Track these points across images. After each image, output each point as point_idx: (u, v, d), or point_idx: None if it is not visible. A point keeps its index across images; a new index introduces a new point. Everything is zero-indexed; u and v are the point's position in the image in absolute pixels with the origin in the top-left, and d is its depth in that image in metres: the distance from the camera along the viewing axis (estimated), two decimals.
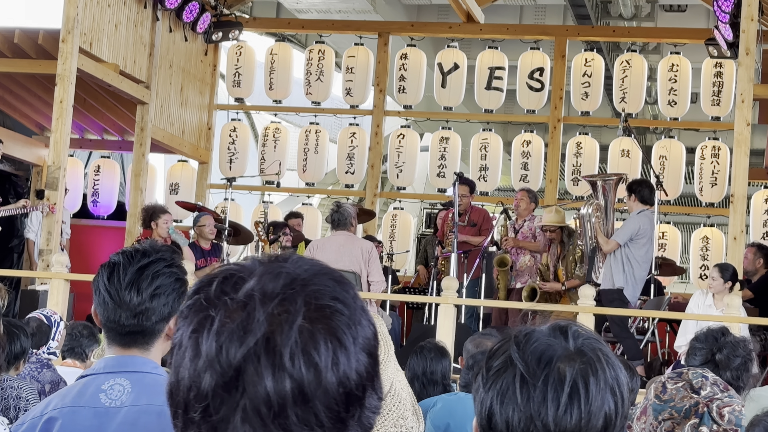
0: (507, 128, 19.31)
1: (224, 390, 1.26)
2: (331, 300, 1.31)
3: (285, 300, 1.28)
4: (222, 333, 1.27)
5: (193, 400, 1.29)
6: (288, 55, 16.25)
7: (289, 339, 1.25)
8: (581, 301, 9.26)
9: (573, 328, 1.67)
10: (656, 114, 21.10)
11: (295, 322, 1.27)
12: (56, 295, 9.62)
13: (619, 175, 11.71)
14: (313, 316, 1.28)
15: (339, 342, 1.28)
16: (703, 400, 2.27)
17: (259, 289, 1.29)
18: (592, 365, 1.61)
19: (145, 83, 13.48)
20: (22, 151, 14.68)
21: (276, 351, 1.25)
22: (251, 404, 1.25)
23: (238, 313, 1.28)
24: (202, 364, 1.27)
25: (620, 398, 1.62)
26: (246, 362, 1.25)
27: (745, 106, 10.79)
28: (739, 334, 7.30)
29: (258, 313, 1.27)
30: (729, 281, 10.08)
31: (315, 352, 1.26)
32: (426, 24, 17.14)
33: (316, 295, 1.30)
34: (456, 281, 9.77)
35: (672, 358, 11.48)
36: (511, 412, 1.60)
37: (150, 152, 13.87)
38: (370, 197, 15.54)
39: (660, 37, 16.51)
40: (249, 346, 1.25)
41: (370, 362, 1.33)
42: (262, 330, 1.26)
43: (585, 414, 1.58)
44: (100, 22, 12.26)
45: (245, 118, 17.64)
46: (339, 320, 1.30)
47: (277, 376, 1.25)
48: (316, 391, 1.26)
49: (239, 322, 1.27)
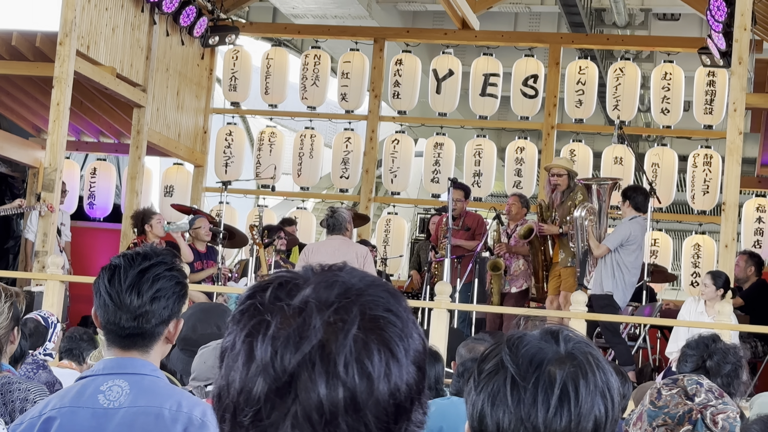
0: (501, 134, 19.35)
1: (277, 395, 1.26)
2: (384, 311, 1.31)
3: (340, 308, 1.29)
4: (278, 338, 1.27)
5: (244, 404, 1.28)
6: (284, 59, 16.26)
7: (344, 347, 1.26)
8: (573, 307, 9.27)
9: (564, 332, 1.68)
10: (649, 122, 21.16)
11: (350, 330, 1.27)
12: (51, 296, 9.62)
13: (615, 179, 11.74)
14: (368, 326, 1.29)
15: (391, 353, 1.29)
16: (697, 406, 2.29)
17: (315, 297, 1.30)
18: (583, 369, 1.62)
19: (141, 86, 13.49)
20: (19, 153, 14.67)
21: (330, 358, 1.25)
22: (303, 411, 1.25)
23: (294, 319, 1.28)
24: (256, 369, 1.27)
25: (610, 402, 1.63)
26: (300, 368, 1.25)
27: (737, 115, 10.81)
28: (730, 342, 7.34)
29: (314, 320, 1.27)
30: (721, 288, 10.10)
31: (368, 361, 1.27)
32: (421, 30, 17.16)
33: (371, 305, 1.31)
34: (449, 286, 9.78)
35: (663, 364, 11.50)
36: (501, 414, 1.61)
37: (146, 155, 13.87)
38: (364, 202, 15.55)
39: (653, 45, 16.55)
40: (304, 353, 1.26)
41: (420, 375, 1.33)
42: (318, 337, 1.26)
43: (575, 417, 1.59)
44: (98, 25, 12.27)
45: (241, 122, 17.65)
46: (392, 331, 1.30)
47: (331, 384, 1.25)
48: (367, 400, 1.26)
49: (295, 328, 1.27)
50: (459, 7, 14.52)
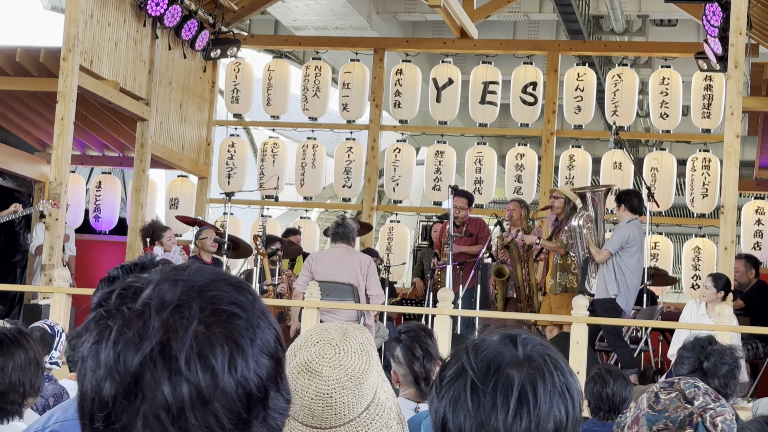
0: (501, 142, 19.37)
1: (124, 397, 1.26)
2: (228, 304, 1.31)
3: (180, 306, 1.29)
4: (119, 342, 1.27)
5: (97, 409, 1.29)
6: (285, 71, 16.26)
7: (185, 344, 1.26)
8: (575, 311, 9.25)
9: (522, 336, 1.68)
10: (648, 127, 21.15)
11: (190, 327, 1.27)
12: (58, 309, 9.62)
13: (608, 186, 11.73)
14: (210, 321, 1.29)
15: (236, 345, 1.29)
16: (697, 410, 2.28)
17: (156, 298, 1.30)
18: (540, 370, 1.62)
19: (144, 100, 13.50)
20: (25, 168, 14.69)
21: (172, 356, 1.26)
22: (151, 410, 1.25)
23: (134, 322, 1.28)
24: (102, 373, 1.28)
25: (570, 402, 1.63)
26: (143, 369, 1.26)
27: (734, 119, 10.80)
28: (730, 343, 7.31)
29: (153, 320, 1.27)
30: (722, 291, 10.09)
31: (211, 355, 1.27)
32: (421, 40, 17.17)
33: (213, 300, 1.31)
34: (451, 292, 9.77)
35: (665, 366, 11.48)
36: (463, 419, 1.61)
37: (150, 168, 13.87)
38: (367, 210, 15.55)
39: (651, 51, 16.55)
40: (145, 353, 1.26)
41: (272, 364, 1.33)
42: (157, 337, 1.26)
43: (534, 418, 1.59)
44: (101, 40, 12.28)
45: (244, 134, 17.67)
46: (236, 324, 1.30)
47: (174, 381, 1.25)
48: (214, 393, 1.26)
49: (135, 330, 1.27)
50: (458, 17, 14.52)
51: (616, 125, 13.24)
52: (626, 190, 11.73)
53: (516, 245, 11.92)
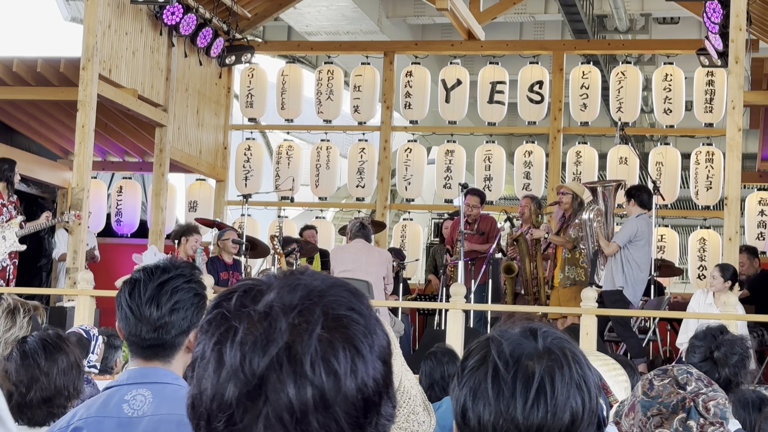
0: (509, 140, 19.36)
1: (248, 399, 1.26)
2: (347, 310, 1.31)
3: (304, 310, 1.28)
4: (246, 343, 1.27)
5: (217, 410, 1.28)
6: (298, 75, 16.29)
7: (310, 347, 1.26)
8: (584, 303, 9.25)
9: (542, 329, 1.69)
10: (653, 122, 21.11)
11: (314, 331, 1.27)
12: (83, 311, 9.66)
13: (618, 181, 11.73)
14: (331, 326, 1.28)
15: (356, 350, 1.29)
16: (689, 395, 2.29)
17: (279, 301, 1.29)
18: (559, 363, 1.64)
19: (162, 106, 13.53)
20: (48, 175, 14.75)
21: (297, 359, 1.25)
22: (274, 412, 1.25)
23: (260, 324, 1.28)
24: (226, 374, 1.27)
25: (587, 394, 1.64)
26: (269, 371, 1.25)
27: (736, 113, 10.78)
28: (738, 332, 7.31)
29: (280, 322, 1.27)
30: (729, 281, 10.08)
31: (334, 359, 1.26)
32: (429, 42, 17.19)
33: (333, 305, 1.30)
34: (464, 287, 9.78)
35: (673, 355, 11.48)
36: (482, 407, 1.63)
37: (169, 172, 13.91)
38: (380, 209, 15.56)
39: (654, 48, 16.52)
40: (272, 355, 1.25)
41: (386, 370, 1.33)
42: (284, 339, 1.26)
43: (551, 409, 1.60)
44: (119, 49, 12.32)
45: (259, 137, 17.68)
46: (356, 329, 1.30)
47: (299, 384, 1.25)
48: (336, 397, 1.26)
49: (262, 332, 1.27)
50: (465, 19, 14.52)
51: (621, 121, 13.26)
52: (636, 185, 11.73)
53: (525, 240, 11.92)
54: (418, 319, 13.76)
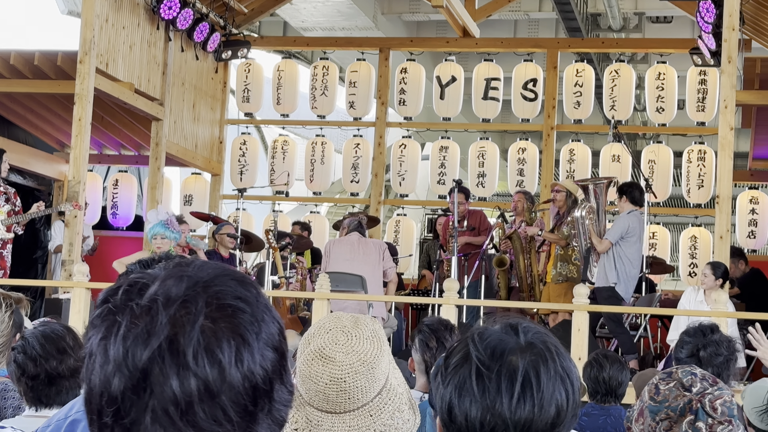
0: (503, 137, 19.36)
1: (133, 392, 1.25)
2: (233, 299, 1.30)
3: (187, 302, 1.27)
4: (128, 337, 1.26)
5: (105, 405, 1.27)
6: (294, 71, 16.27)
7: (192, 339, 1.25)
8: (576, 300, 9.26)
9: (523, 324, 1.69)
10: (645, 120, 21.14)
11: (196, 322, 1.26)
12: (78, 303, 9.65)
13: (609, 178, 11.74)
14: (216, 316, 1.27)
15: (242, 339, 1.28)
16: (696, 396, 2.30)
17: (163, 293, 1.28)
18: (542, 356, 1.64)
19: (159, 100, 13.51)
20: (44, 167, 14.72)
21: (180, 351, 1.25)
22: (159, 404, 1.24)
23: (142, 318, 1.27)
24: (111, 369, 1.26)
25: (570, 386, 1.64)
26: (151, 364, 1.25)
27: (728, 112, 10.80)
28: (728, 330, 7.31)
29: (161, 315, 1.26)
30: (720, 278, 10.09)
31: (218, 349, 1.26)
32: (425, 39, 17.17)
33: (218, 295, 1.29)
34: (457, 283, 9.79)
35: (664, 351, 11.49)
36: (468, 404, 1.62)
37: (165, 166, 13.89)
38: (374, 205, 15.56)
39: (647, 47, 16.52)
40: (153, 348, 1.25)
41: (276, 357, 1.32)
42: (165, 332, 1.25)
43: (537, 402, 1.60)
44: (116, 43, 12.29)
45: (255, 132, 17.66)
46: (241, 318, 1.29)
47: (182, 375, 1.24)
48: (221, 387, 1.25)
49: (143, 326, 1.26)
50: (460, 16, 14.51)
51: (614, 119, 13.25)
52: (628, 182, 11.74)
53: (519, 236, 11.92)
54: (411, 314, 13.76)
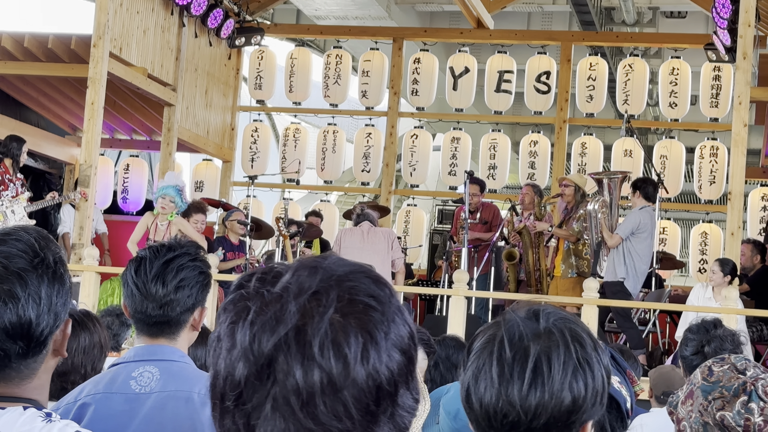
0: (515, 129, 19.30)
1: (256, 379, 1.25)
2: (365, 296, 1.29)
3: (318, 293, 1.27)
4: (255, 323, 1.26)
5: (228, 389, 1.27)
6: (307, 59, 16.25)
7: (320, 330, 1.24)
8: (586, 294, 9.23)
9: (546, 310, 1.67)
10: (657, 115, 21.05)
11: (326, 314, 1.25)
12: (88, 286, 9.65)
13: (624, 173, 11.69)
14: (346, 310, 1.26)
15: (370, 336, 1.26)
16: (750, 379, 2.33)
17: (295, 283, 1.28)
18: (556, 343, 1.61)
19: (171, 86, 13.49)
20: (56, 151, 14.72)
21: (306, 342, 1.23)
22: (281, 393, 1.24)
23: (272, 305, 1.26)
24: (237, 354, 1.26)
25: (590, 375, 1.61)
26: (277, 351, 1.24)
27: (742, 108, 10.74)
28: (735, 327, 7.29)
29: (291, 304, 1.26)
30: (728, 275, 10.06)
31: (345, 344, 1.24)
32: (438, 30, 17.12)
33: (351, 290, 1.28)
34: (466, 274, 9.77)
35: (672, 347, 11.45)
36: (483, 389, 1.61)
37: (176, 151, 13.88)
38: (385, 194, 15.55)
39: (661, 42, 16.46)
40: (280, 336, 1.24)
41: (404, 360, 1.30)
42: (293, 321, 1.24)
43: (549, 389, 1.58)
44: (130, 28, 12.28)
45: (266, 119, 17.65)
46: (372, 315, 1.27)
47: (307, 366, 1.23)
48: (344, 382, 1.24)
49: (272, 313, 1.26)
50: (474, 8, 14.47)
51: (627, 114, 13.20)
52: (642, 177, 11.70)
53: (528, 231, 11.89)
54: (420, 304, 13.75)
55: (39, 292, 1.93)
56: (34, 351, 1.95)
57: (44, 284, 1.94)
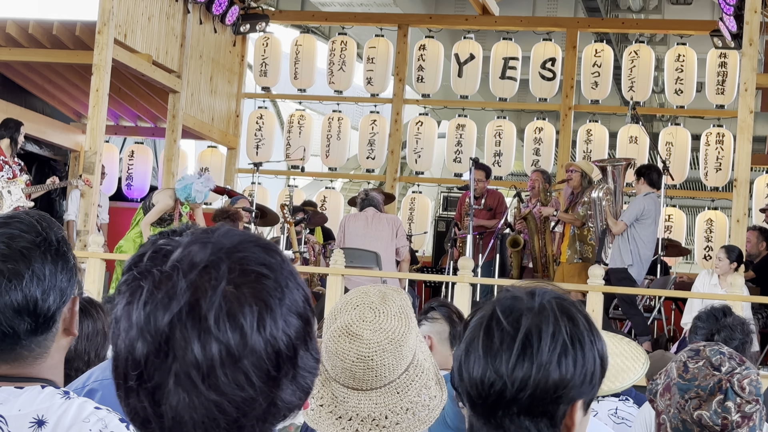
0: (520, 116, 19.25)
1: (155, 356, 1.27)
2: (256, 265, 1.31)
3: (209, 267, 1.28)
4: (149, 302, 1.28)
5: (130, 369, 1.29)
6: (312, 46, 16.23)
7: (213, 304, 1.26)
8: (591, 281, 9.24)
9: (542, 289, 1.69)
10: (663, 102, 21.03)
11: (218, 287, 1.27)
12: (93, 273, 9.66)
13: (628, 160, 11.69)
14: (238, 281, 1.28)
15: (265, 304, 1.28)
16: (725, 376, 2.31)
17: (185, 259, 1.29)
18: (547, 319, 1.62)
19: (176, 73, 13.49)
20: (61, 137, 14.72)
21: (201, 316, 1.26)
22: (182, 368, 1.26)
23: (164, 283, 1.28)
24: (135, 334, 1.28)
25: (580, 354, 1.61)
26: (173, 328, 1.26)
27: (748, 95, 10.73)
28: (742, 313, 7.30)
29: (181, 281, 1.27)
30: (734, 262, 10.06)
31: (240, 314, 1.26)
32: (443, 16, 17.08)
33: (242, 261, 1.30)
34: (471, 261, 9.77)
35: (677, 334, 11.46)
36: (473, 362, 1.62)
37: (181, 138, 13.89)
38: (389, 181, 15.54)
39: (667, 28, 16.42)
40: (173, 313, 1.26)
41: (301, 324, 1.32)
42: (186, 297, 1.26)
43: (536, 363, 1.58)
44: (134, 14, 12.27)
45: (271, 106, 17.65)
46: (264, 284, 1.30)
47: (204, 340, 1.25)
48: (243, 351, 1.26)
49: (165, 291, 1.27)
50: None
51: (633, 101, 13.18)
52: (646, 164, 11.69)
53: (534, 217, 11.89)
54: (425, 290, 13.76)
55: (43, 270, 1.97)
56: (42, 328, 1.98)
57: (48, 262, 1.98)
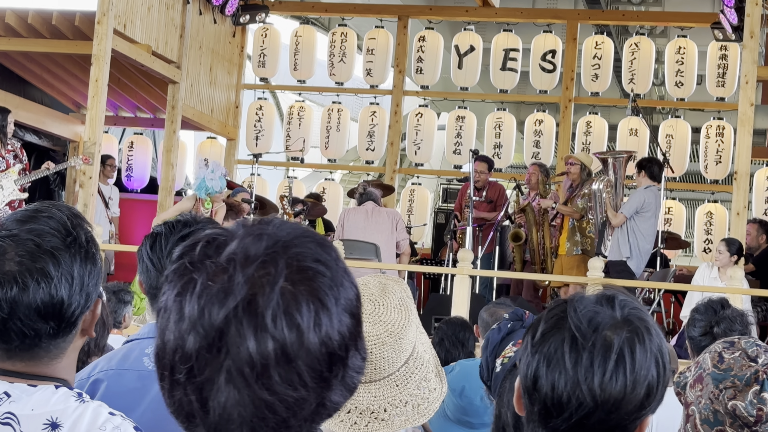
0: (520, 108, 19.27)
1: (208, 351, 1.24)
2: (313, 262, 1.29)
3: (266, 262, 1.26)
4: (203, 296, 1.25)
5: (179, 361, 1.27)
6: (312, 37, 16.23)
7: (271, 301, 1.24)
8: (590, 273, 9.26)
9: (619, 297, 1.66)
10: (663, 95, 21.03)
11: (276, 284, 1.25)
12: None
13: (629, 152, 11.70)
14: (295, 278, 1.26)
15: (321, 303, 1.27)
16: (762, 367, 2.32)
17: (241, 252, 1.27)
18: (639, 334, 1.61)
19: (176, 63, 13.48)
20: (60, 128, 14.72)
21: (258, 312, 1.23)
22: (235, 365, 1.24)
23: (219, 276, 1.26)
24: (186, 327, 1.26)
25: (662, 367, 1.62)
26: (228, 324, 1.24)
27: (749, 88, 10.75)
28: (741, 306, 7.32)
29: (238, 275, 1.25)
30: (734, 255, 10.08)
31: (297, 313, 1.25)
32: (443, 8, 17.08)
33: (298, 257, 1.28)
34: (471, 253, 9.80)
35: (677, 327, 11.49)
36: (557, 375, 1.60)
37: (180, 129, 13.88)
38: (389, 173, 15.55)
39: (667, 20, 16.42)
40: (229, 308, 1.24)
41: (353, 323, 1.31)
42: (243, 292, 1.24)
43: (630, 381, 1.58)
44: (134, 4, 12.26)
45: (271, 98, 17.65)
46: (321, 282, 1.28)
47: (260, 337, 1.23)
48: (298, 351, 1.24)
49: (220, 285, 1.25)
50: None
51: (633, 93, 13.19)
52: (647, 157, 11.72)
53: (532, 209, 11.91)
54: (424, 283, 13.78)
55: (71, 272, 1.91)
56: (64, 331, 1.94)
57: (77, 264, 1.93)
